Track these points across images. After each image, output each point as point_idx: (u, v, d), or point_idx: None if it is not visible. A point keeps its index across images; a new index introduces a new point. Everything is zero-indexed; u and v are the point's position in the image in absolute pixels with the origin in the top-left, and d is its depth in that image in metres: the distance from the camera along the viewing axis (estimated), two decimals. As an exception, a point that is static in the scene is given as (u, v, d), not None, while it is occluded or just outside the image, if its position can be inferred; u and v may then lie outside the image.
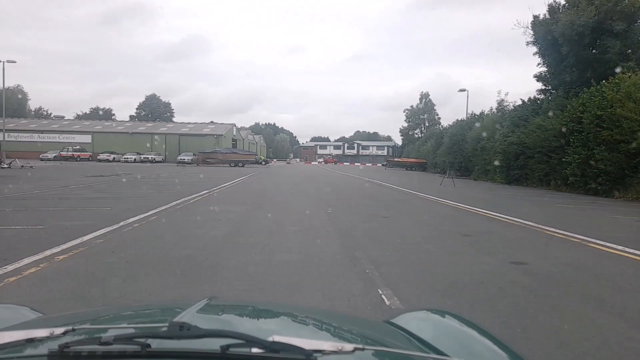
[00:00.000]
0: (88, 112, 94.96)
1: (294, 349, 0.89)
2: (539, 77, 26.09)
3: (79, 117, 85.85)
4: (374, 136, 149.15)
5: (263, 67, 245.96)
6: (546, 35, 23.64)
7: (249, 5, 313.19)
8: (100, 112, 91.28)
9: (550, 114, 22.49)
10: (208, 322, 1.25)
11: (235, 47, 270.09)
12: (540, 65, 25.64)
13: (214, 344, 0.89)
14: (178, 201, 12.23)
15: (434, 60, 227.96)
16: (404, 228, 9.04)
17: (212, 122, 73.07)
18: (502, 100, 32.67)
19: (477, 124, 35.09)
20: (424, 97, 74.65)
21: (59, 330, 1.00)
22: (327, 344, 0.94)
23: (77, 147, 57.53)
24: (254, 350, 0.89)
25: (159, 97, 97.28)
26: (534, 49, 25.21)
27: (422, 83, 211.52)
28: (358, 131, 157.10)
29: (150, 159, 56.27)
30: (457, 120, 44.65)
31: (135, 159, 55.73)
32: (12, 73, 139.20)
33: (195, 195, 14.21)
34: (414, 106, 75.62)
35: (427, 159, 52.45)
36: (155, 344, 0.91)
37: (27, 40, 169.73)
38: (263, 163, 64.30)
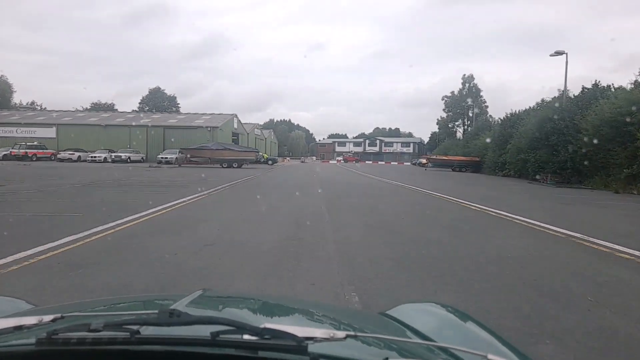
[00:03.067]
0: (89, 107, 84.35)
1: (286, 335, 0.87)
2: None
3: (78, 112, 74.49)
4: (395, 132, 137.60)
5: (282, 66, 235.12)
6: None
7: (269, 3, 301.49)
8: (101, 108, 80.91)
9: None
10: (199, 310, 1.22)
11: (255, 46, 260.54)
12: None
13: (204, 331, 0.87)
14: None
15: (455, 57, 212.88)
16: None
17: (210, 113, 60.48)
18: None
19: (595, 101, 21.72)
20: (468, 80, 60.49)
21: (48, 318, 0.98)
22: (319, 331, 0.91)
23: (35, 143, 45.51)
24: (245, 336, 0.87)
25: (164, 90, 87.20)
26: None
27: (444, 79, 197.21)
28: (377, 128, 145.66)
29: (124, 157, 44.01)
30: (543, 100, 31.12)
31: (105, 157, 43.54)
32: (35, 74, 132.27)
33: None
34: (455, 92, 61.54)
35: (485, 156, 39.06)
36: (145, 330, 0.89)
37: (54, 40, 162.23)
38: (269, 162, 51.76)
